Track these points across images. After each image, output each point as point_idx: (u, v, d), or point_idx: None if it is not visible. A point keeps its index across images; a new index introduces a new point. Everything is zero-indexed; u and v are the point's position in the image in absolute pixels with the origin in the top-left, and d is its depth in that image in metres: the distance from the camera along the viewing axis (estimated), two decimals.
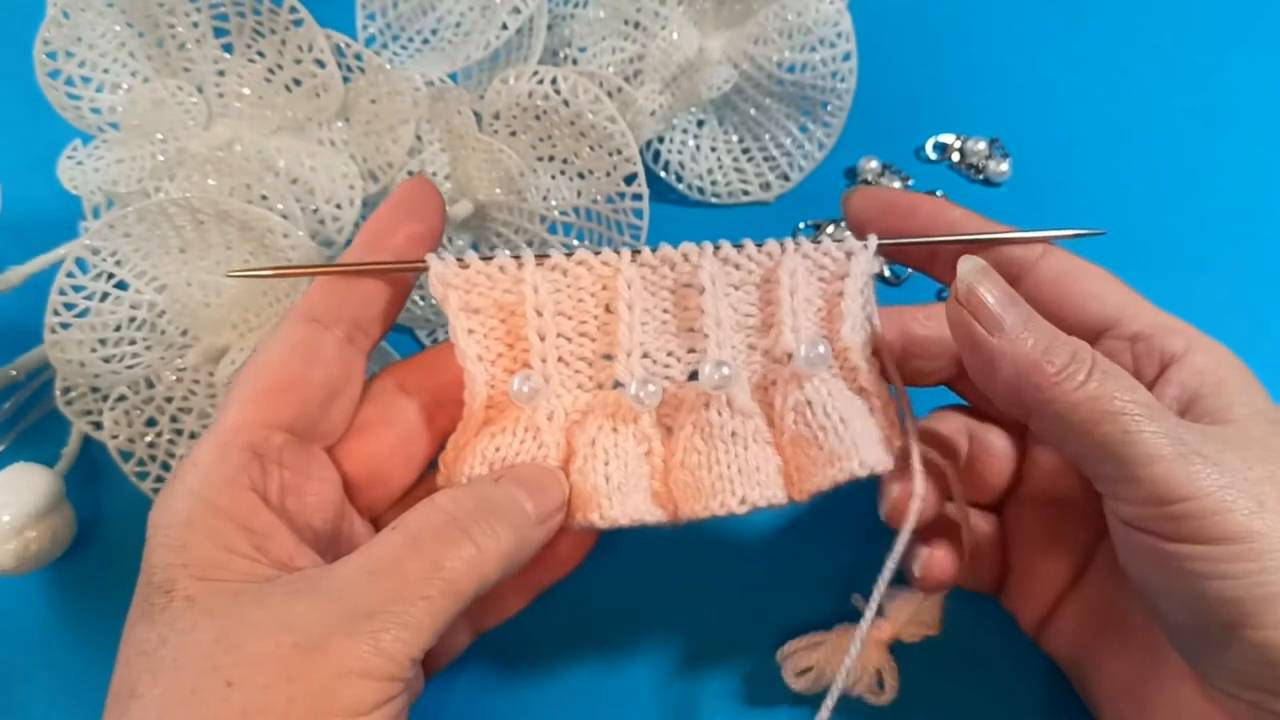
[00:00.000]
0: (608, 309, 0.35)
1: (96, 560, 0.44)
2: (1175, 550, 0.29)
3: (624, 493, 0.33)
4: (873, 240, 0.36)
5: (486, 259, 0.34)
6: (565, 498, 0.33)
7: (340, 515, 0.34)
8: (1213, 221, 0.50)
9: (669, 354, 0.35)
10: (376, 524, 0.37)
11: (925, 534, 0.37)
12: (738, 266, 0.35)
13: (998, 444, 0.38)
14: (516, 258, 0.34)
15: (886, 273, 0.48)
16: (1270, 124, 0.53)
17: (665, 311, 0.35)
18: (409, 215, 0.35)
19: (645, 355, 0.35)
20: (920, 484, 0.35)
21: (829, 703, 0.33)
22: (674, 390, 0.35)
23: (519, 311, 0.34)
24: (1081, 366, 0.31)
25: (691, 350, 0.35)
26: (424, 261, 0.34)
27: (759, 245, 0.35)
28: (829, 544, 0.43)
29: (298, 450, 0.33)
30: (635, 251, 0.35)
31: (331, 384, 0.34)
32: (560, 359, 0.35)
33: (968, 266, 0.33)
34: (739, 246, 0.35)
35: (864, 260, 0.36)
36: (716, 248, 0.35)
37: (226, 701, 0.26)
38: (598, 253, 0.35)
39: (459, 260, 0.34)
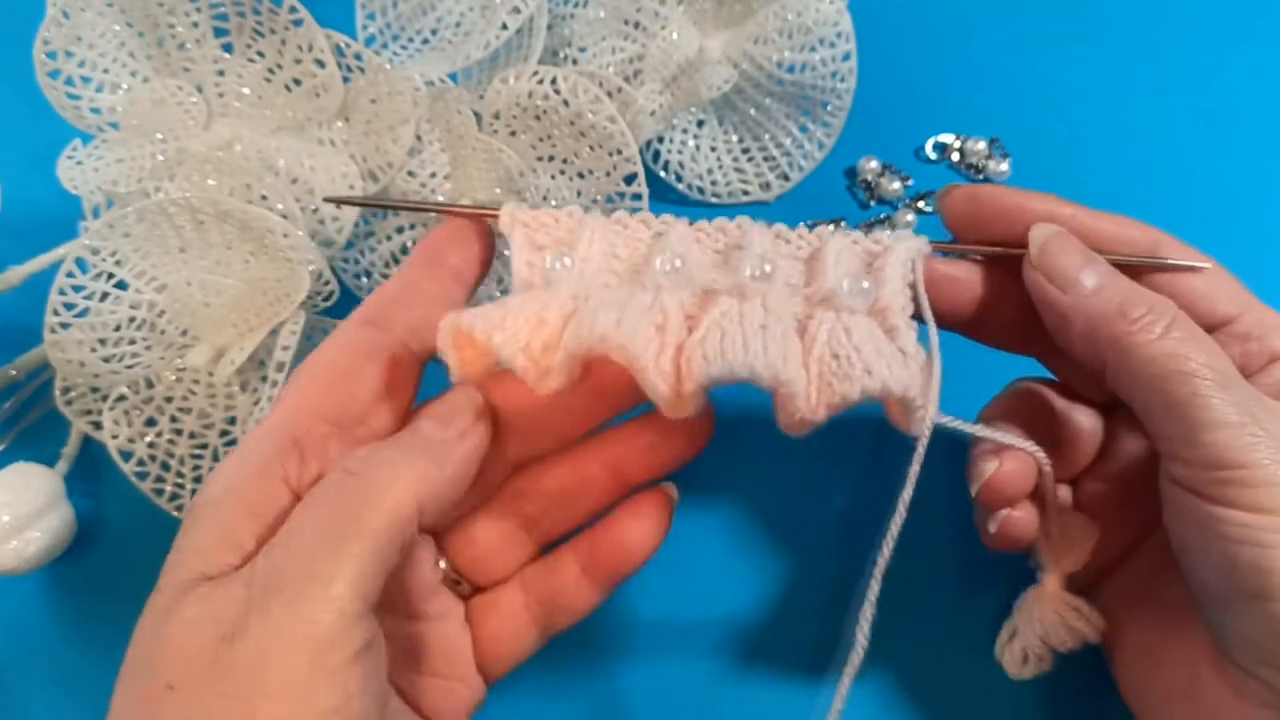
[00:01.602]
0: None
1: (96, 560, 0.44)
2: (1217, 513, 0.29)
3: (633, 331, 0.31)
4: (922, 243, 0.35)
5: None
6: (474, 402, 0.34)
7: None
8: (1213, 222, 0.50)
9: (711, 280, 0.34)
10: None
11: (1002, 498, 0.36)
12: (788, 241, 0.35)
13: (1085, 424, 0.38)
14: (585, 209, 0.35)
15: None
16: (1270, 124, 0.53)
17: (713, 265, 0.35)
18: (459, 241, 0.36)
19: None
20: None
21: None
22: (706, 288, 0.34)
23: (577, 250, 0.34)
24: (1159, 319, 0.31)
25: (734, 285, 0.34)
26: (497, 210, 0.35)
27: (810, 226, 0.36)
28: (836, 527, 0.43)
29: (344, 445, 0.33)
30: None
31: (383, 384, 0.34)
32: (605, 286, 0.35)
33: (1040, 230, 0.33)
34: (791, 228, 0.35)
35: (908, 248, 0.35)
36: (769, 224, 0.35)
37: (170, 706, 0.27)
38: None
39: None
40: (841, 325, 0.33)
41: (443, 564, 0.36)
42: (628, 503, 0.37)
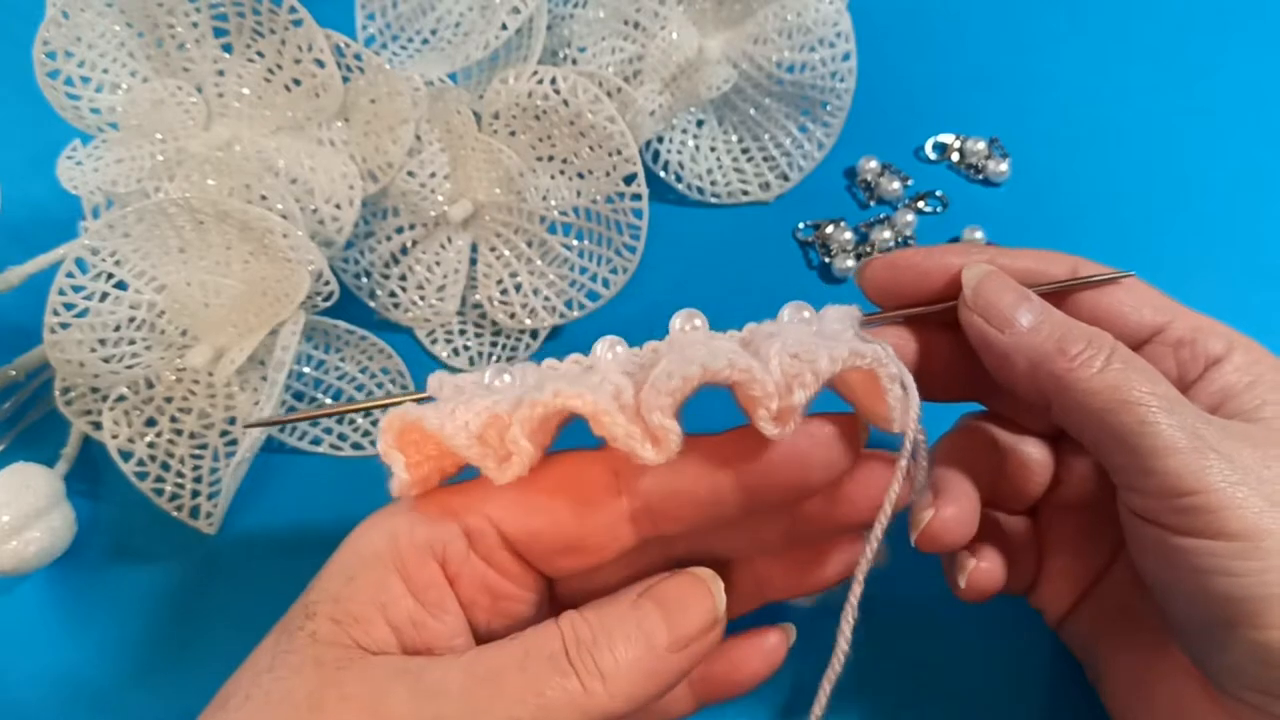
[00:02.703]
0: None
1: (96, 560, 0.44)
2: (1181, 544, 0.29)
3: (588, 386, 0.29)
4: (854, 310, 0.33)
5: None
6: (714, 615, 0.30)
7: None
8: (1213, 222, 0.50)
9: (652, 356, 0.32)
10: None
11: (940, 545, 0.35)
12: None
13: (1034, 455, 0.38)
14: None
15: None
16: (1270, 124, 0.53)
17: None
18: None
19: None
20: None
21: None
22: (647, 363, 0.32)
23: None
24: (1099, 353, 0.31)
25: None
26: (420, 394, 0.32)
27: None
28: None
29: (513, 559, 0.32)
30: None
31: (589, 538, 0.31)
32: None
33: (973, 271, 0.33)
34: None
35: (842, 311, 0.33)
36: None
37: None
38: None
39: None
40: (790, 335, 0.30)
41: None
42: (751, 632, 0.36)
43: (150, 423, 0.43)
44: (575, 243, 0.47)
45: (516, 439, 0.29)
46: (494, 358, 0.48)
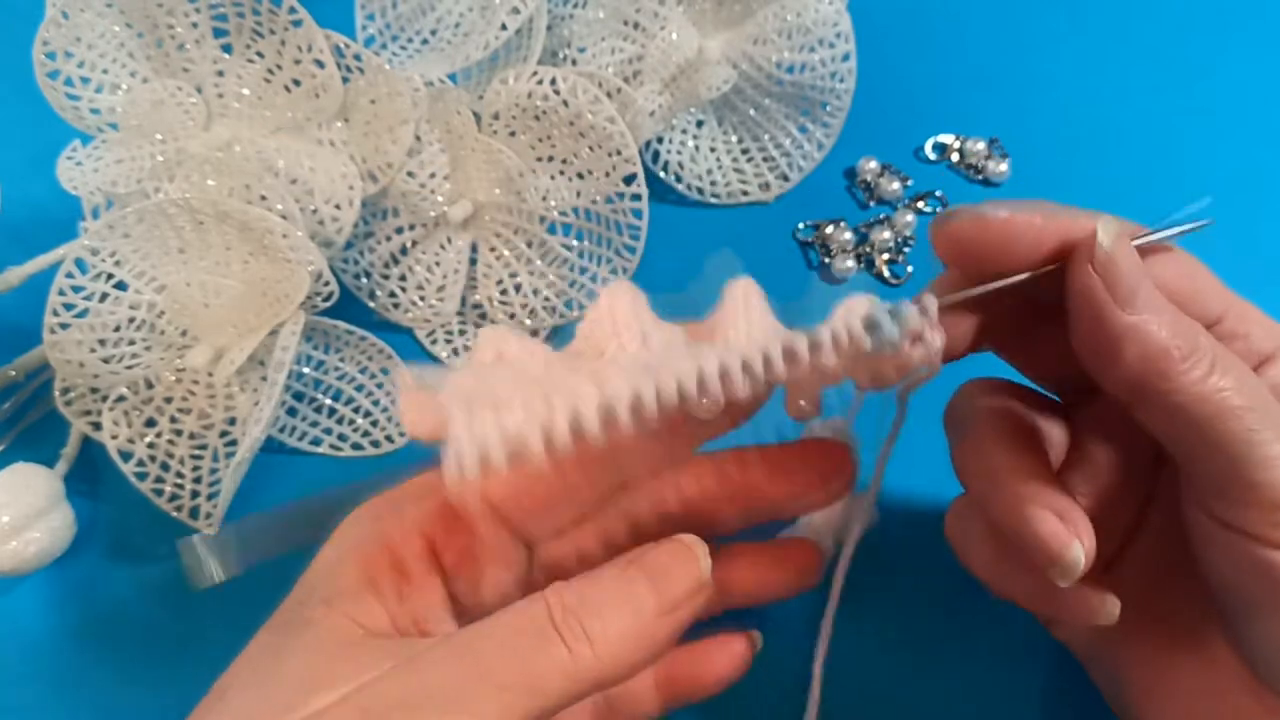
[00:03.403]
0: None
1: (96, 560, 0.44)
2: (1277, 558, 0.28)
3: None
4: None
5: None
6: (701, 579, 0.30)
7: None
8: (1214, 222, 0.50)
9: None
10: None
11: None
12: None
13: (1052, 433, 0.35)
14: None
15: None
16: (1270, 124, 0.53)
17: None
18: None
19: None
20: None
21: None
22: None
23: None
24: (1205, 356, 0.28)
25: None
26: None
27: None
28: None
29: (497, 531, 0.32)
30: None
31: (577, 498, 0.32)
32: None
33: (1111, 226, 0.29)
34: None
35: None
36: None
37: None
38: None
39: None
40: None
41: None
42: (717, 637, 0.36)
43: (150, 423, 0.43)
44: (575, 243, 0.47)
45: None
46: None
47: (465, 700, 0.26)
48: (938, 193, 0.51)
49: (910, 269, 0.50)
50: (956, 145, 0.52)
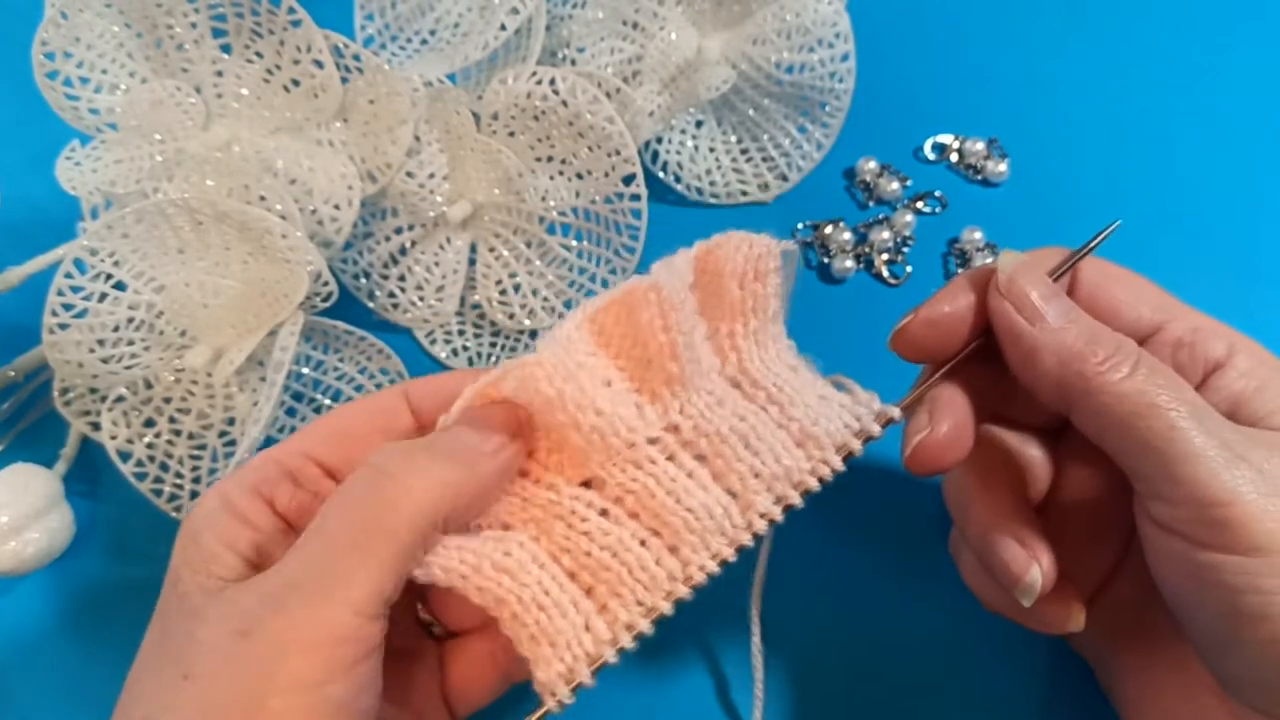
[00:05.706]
0: None
1: (95, 560, 0.44)
2: (1210, 559, 0.28)
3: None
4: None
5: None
6: (516, 418, 0.32)
7: None
8: (1212, 222, 0.50)
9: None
10: None
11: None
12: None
13: (1035, 456, 0.37)
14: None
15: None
16: (1269, 124, 0.53)
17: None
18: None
19: None
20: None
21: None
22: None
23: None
24: (1126, 359, 0.30)
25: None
26: None
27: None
28: None
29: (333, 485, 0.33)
30: None
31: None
32: None
33: (1008, 259, 0.32)
34: None
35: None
36: None
37: (185, 694, 0.27)
38: None
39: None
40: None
41: (421, 610, 0.36)
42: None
43: (149, 423, 0.43)
44: (574, 243, 0.47)
45: None
46: (493, 358, 0.48)
47: (317, 580, 0.28)
48: (937, 193, 0.51)
49: (909, 269, 0.50)
50: (956, 145, 0.52)
